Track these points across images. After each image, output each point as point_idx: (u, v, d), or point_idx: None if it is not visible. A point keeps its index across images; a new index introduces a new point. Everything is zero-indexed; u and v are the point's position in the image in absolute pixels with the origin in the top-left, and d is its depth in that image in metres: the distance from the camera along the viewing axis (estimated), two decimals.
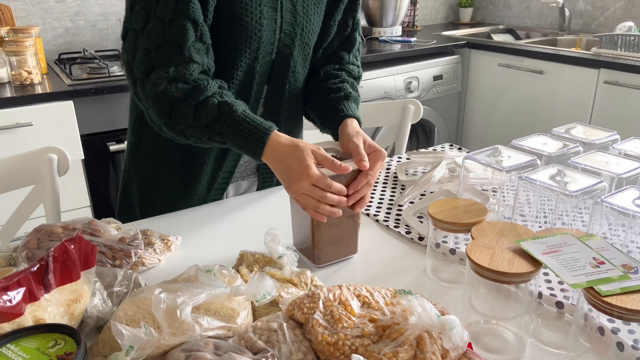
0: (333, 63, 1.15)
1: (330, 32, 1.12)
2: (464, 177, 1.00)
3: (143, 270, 0.89)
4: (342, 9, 1.11)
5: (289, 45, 1.05)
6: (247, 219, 1.08)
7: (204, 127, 0.92)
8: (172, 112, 0.93)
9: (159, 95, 0.92)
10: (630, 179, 0.88)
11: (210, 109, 0.92)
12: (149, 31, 0.92)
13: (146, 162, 1.15)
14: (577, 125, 1.10)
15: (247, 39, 0.99)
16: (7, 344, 0.58)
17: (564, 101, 2.56)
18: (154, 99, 0.93)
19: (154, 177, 1.15)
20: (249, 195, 1.20)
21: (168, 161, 1.13)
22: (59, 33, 2.43)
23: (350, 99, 1.06)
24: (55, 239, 0.85)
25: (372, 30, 3.04)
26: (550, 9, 3.17)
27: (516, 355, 0.71)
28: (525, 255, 0.69)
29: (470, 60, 2.94)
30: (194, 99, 0.92)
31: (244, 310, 0.69)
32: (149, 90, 0.93)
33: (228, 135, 0.92)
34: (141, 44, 0.93)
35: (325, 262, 0.91)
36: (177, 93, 0.92)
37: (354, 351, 0.60)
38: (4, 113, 1.81)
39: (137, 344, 0.58)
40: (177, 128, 0.95)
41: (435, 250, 0.93)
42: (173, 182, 1.14)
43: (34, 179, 1.19)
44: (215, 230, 1.04)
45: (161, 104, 0.93)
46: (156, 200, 1.16)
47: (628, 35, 2.42)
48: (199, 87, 0.93)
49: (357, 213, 0.91)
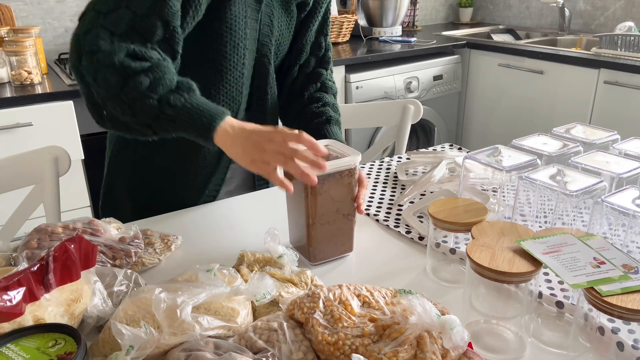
0: (313, 82, 1.23)
1: (304, 51, 1.21)
2: (464, 177, 1.00)
3: (143, 270, 0.89)
4: (312, 30, 1.20)
5: (266, 54, 1.12)
6: (247, 219, 1.08)
7: (156, 100, 0.86)
8: (126, 83, 0.86)
9: (114, 65, 0.85)
10: (631, 179, 0.88)
11: (168, 81, 0.87)
12: (116, 17, 0.88)
13: (131, 170, 1.15)
14: (577, 125, 1.10)
15: (235, 46, 1.03)
16: (7, 343, 0.58)
17: (564, 101, 2.56)
18: (107, 68, 0.86)
19: (140, 185, 1.15)
20: (249, 195, 1.20)
21: (155, 168, 1.13)
22: (59, 33, 2.43)
23: (332, 122, 1.17)
24: (55, 239, 0.85)
25: (372, 30, 3.04)
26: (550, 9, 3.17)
27: (516, 355, 0.71)
28: (525, 255, 0.69)
29: (470, 60, 2.94)
30: (152, 72, 0.87)
31: (244, 309, 0.69)
32: (102, 59, 0.86)
33: (182, 110, 0.86)
34: (102, 22, 0.88)
35: (320, 260, 0.92)
36: (134, 64, 0.86)
37: (354, 351, 0.60)
38: (4, 113, 1.81)
39: (137, 343, 0.58)
40: (125, 100, 0.86)
41: (435, 250, 0.93)
42: (161, 189, 1.15)
43: (34, 179, 1.19)
44: (215, 230, 1.04)
45: (115, 74, 0.86)
46: (143, 201, 1.16)
47: (628, 35, 2.42)
48: (159, 65, 0.88)
49: (353, 212, 0.91)
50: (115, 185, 1.19)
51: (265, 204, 1.15)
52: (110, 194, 1.20)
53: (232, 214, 1.10)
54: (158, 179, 1.15)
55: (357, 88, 2.57)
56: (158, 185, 1.15)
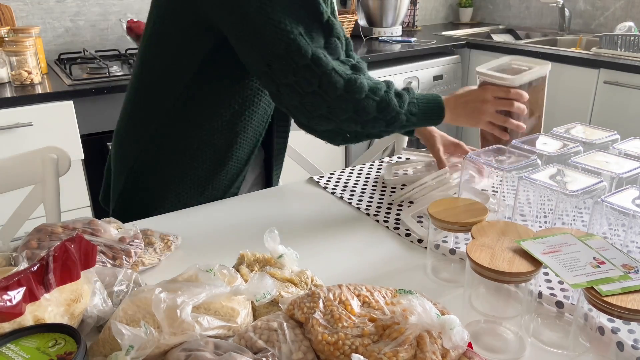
0: None
1: None
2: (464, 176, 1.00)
3: (143, 270, 0.89)
4: None
5: None
6: (247, 219, 1.08)
7: (404, 115, 1.01)
8: (380, 107, 0.99)
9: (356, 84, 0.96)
10: (630, 179, 0.88)
11: (399, 94, 1.02)
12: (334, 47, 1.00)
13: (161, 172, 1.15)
14: (577, 125, 1.10)
15: None
16: (7, 343, 0.58)
17: (564, 101, 2.56)
18: (366, 99, 0.97)
19: (169, 185, 1.16)
20: (249, 195, 1.20)
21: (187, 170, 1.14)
22: (59, 33, 2.43)
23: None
24: (55, 239, 0.85)
25: (372, 30, 3.04)
26: (550, 9, 3.17)
27: (516, 354, 0.71)
28: (525, 255, 0.69)
29: (470, 60, 2.94)
30: (379, 89, 0.99)
31: (244, 309, 0.69)
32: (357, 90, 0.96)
33: (419, 113, 1.03)
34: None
35: None
36: (367, 82, 0.98)
37: (354, 351, 0.60)
38: (4, 113, 1.81)
39: (137, 343, 0.58)
40: (383, 120, 1.00)
41: (435, 251, 0.93)
42: (187, 189, 1.16)
43: (34, 179, 1.19)
44: (215, 230, 1.04)
45: (371, 102, 0.98)
46: (165, 203, 1.17)
47: (628, 35, 2.42)
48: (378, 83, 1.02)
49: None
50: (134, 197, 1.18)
51: (266, 204, 1.15)
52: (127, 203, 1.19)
53: (232, 214, 1.10)
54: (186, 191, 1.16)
55: None
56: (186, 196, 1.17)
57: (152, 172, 1.14)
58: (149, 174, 1.14)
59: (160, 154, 1.12)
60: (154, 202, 1.15)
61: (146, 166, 1.13)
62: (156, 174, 1.13)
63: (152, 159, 1.13)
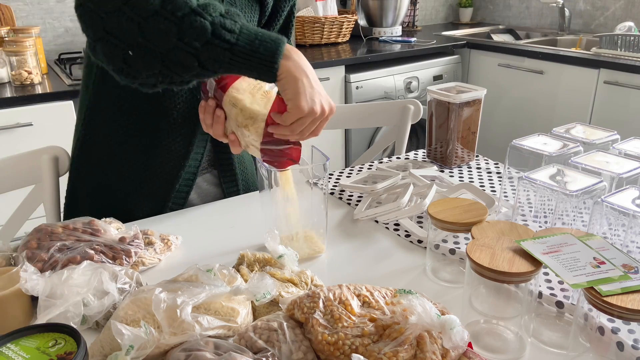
0: None
1: None
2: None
3: (143, 270, 0.89)
4: (275, 30, 1.16)
5: None
6: (247, 219, 1.08)
7: (209, 23, 0.73)
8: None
9: None
10: (630, 179, 0.88)
11: (218, 6, 0.75)
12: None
13: (97, 161, 1.09)
14: (577, 125, 1.10)
15: None
16: (7, 343, 0.58)
17: (564, 101, 2.56)
18: None
19: (104, 176, 1.10)
20: (249, 195, 1.20)
21: (123, 156, 1.07)
22: (59, 33, 2.43)
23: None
24: (55, 239, 0.85)
25: (372, 30, 3.04)
26: (550, 9, 3.17)
27: (516, 354, 0.71)
28: (525, 255, 0.69)
29: (470, 60, 2.94)
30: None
31: (244, 309, 0.69)
32: None
33: (240, 36, 0.74)
34: None
35: None
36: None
37: (354, 351, 0.61)
38: (4, 113, 1.81)
39: (137, 343, 0.58)
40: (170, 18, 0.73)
41: (435, 251, 0.93)
42: (127, 181, 1.09)
43: (34, 179, 1.20)
44: (215, 230, 1.04)
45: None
46: (106, 202, 1.11)
47: (628, 35, 2.42)
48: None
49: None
50: (78, 185, 1.14)
51: (266, 204, 1.15)
52: (74, 194, 1.15)
53: (232, 214, 1.10)
54: (123, 176, 1.09)
55: (357, 88, 2.57)
56: (122, 187, 1.09)
57: (88, 167, 1.11)
58: (86, 171, 1.11)
59: (90, 144, 1.08)
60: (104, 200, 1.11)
61: (83, 160, 1.11)
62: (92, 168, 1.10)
63: (88, 151, 1.10)
